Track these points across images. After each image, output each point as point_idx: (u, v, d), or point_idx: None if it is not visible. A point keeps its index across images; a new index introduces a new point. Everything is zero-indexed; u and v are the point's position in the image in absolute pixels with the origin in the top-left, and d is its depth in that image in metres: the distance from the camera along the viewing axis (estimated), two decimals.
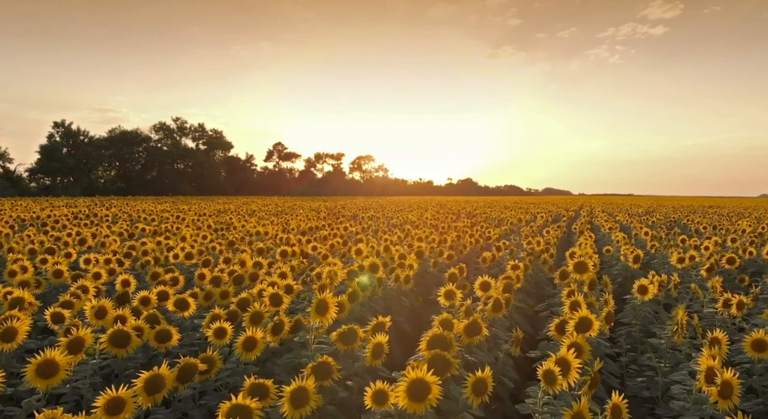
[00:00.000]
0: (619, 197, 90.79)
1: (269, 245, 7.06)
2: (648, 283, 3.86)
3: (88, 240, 7.37)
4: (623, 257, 6.54)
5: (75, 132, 64.82)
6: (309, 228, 10.55)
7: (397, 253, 5.81)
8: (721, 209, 29.05)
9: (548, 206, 31.94)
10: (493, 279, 4.01)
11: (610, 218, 16.49)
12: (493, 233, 9.96)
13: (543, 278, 6.02)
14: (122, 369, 2.81)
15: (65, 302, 3.48)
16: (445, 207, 26.17)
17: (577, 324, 2.75)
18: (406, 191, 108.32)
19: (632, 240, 8.32)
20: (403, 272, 4.53)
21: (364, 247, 6.12)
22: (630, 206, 32.31)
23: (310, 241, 7.83)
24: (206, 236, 7.66)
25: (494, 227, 12.07)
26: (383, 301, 4.36)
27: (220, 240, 7.80)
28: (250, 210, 20.49)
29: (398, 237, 8.71)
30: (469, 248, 7.56)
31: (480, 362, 2.86)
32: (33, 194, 51.17)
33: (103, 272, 4.65)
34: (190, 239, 7.63)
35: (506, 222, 13.42)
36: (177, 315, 3.42)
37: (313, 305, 2.73)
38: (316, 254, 6.32)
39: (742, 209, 31.42)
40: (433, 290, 5.47)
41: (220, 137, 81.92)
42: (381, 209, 22.25)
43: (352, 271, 4.27)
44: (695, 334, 3.12)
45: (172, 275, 4.56)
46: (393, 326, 4.52)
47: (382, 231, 10.21)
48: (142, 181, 71.02)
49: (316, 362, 2.27)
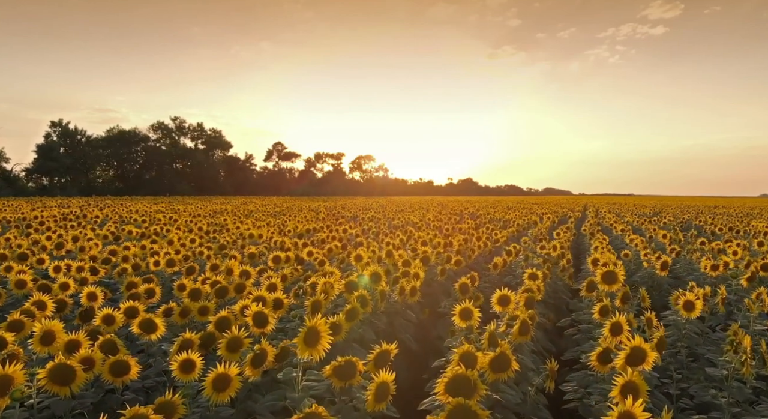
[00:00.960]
0: (620, 197, 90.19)
1: (262, 250, 6.53)
2: (694, 297, 3.33)
3: (68, 244, 6.84)
4: (646, 263, 6.01)
5: (72, 132, 64.24)
6: (306, 230, 10.02)
7: (400, 259, 5.28)
8: (727, 210, 28.50)
9: (552, 206, 31.41)
10: (511, 291, 3.48)
11: (619, 219, 15.96)
12: (501, 236, 9.43)
13: (560, 286, 5.49)
14: (67, 410, 2.28)
15: (13, 323, 2.95)
16: (446, 208, 25.64)
17: (629, 356, 2.22)
18: (407, 191, 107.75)
19: (652, 244, 7.79)
20: (408, 283, 4.00)
21: (365, 252, 5.59)
22: (634, 207, 31.77)
23: (307, 244, 7.30)
24: (194, 239, 7.13)
25: (500, 229, 11.54)
26: (386, 316, 3.84)
27: (210, 244, 7.27)
28: (247, 211, 19.95)
29: (401, 240, 8.18)
30: (477, 253, 7.03)
31: (506, 401, 2.33)
32: (30, 194, 50.63)
33: (71, 282, 4.12)
34: (177, 243, 7.11)
35: (512, 223, 12.88)
36: (144, 338, 2.89)
37: (301, 335, 2.20)
38: (312, 260, 5.79)
39: (748, 209, 30.88)
40: (442, 301, 4.94)
41: (219, 136, 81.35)
42: (381, 210, 21.72)
43: (350, 282, 3.74)
44: (764, 362, 2.59)
45: (147, 286, 4.03)
46: (398, 344, 4.00)
47: (383, 233, 9.68)
48: (140, 181, 70.46)
49: (303, 413, 1.74)
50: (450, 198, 58.85)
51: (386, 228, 11.62)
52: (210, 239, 8.16)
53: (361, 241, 7.94)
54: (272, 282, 3.78)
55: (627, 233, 10.10)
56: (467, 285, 4.24)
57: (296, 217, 15.99)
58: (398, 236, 8.73)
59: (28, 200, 30.13)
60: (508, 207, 27.52)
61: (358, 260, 5.20)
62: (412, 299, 3.96)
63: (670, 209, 28.50)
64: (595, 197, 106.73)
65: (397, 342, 3.92)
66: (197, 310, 3.45)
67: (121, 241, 8.36)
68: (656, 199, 78.08)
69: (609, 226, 13.78)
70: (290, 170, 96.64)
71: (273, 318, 2.89)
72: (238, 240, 7.77)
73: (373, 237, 9.27)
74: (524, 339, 2.75)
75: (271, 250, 6.68)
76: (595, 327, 3.64)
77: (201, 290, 3.72)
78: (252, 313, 2.88)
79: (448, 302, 4.47)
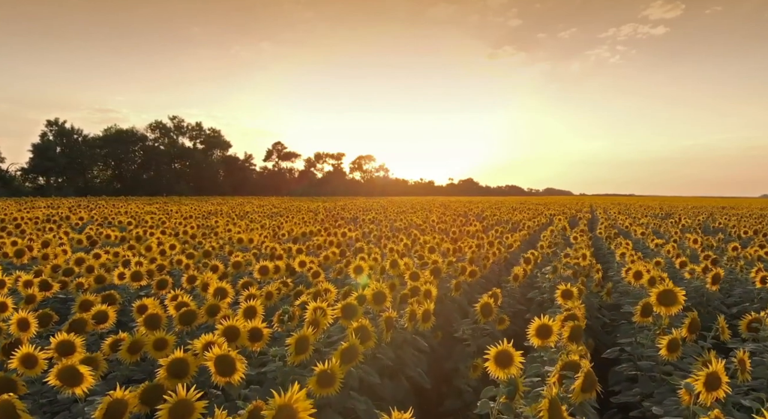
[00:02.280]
0: (621, 197, 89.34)
1: (250, 258, 5.78)
2: None
3: (34, 250, 6.09)
4: (688, 274, 5.25)
5: (69, 131, 63.31)
6: (302, 234, 9.26)
7: (407, 270, 4.52)
8: (737, 210, 27.72)
9: (557, 206, 30.63)
10: (548, 318, 2.73)
11: (633, 220, 15.21)
12: (514, 241, 8.67)
13: (594, 303, 4.73)
14: None
15: None
16: (450, 208, 24.86)
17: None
18: (407, 191, 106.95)
19: (687, 250, 7.02)
20: (420, 305, 3.24)
21: (366, 261, 4.83)
22: (641, 207, 30.98)
23: (301, 250, 6.54)
24: (174, 245, 6.38)
25: (510, 232, 10.78)
26: (393, 349, 3.08)
27: (194, 250, 6.53)
28: (243, 212, 19.20)
29: (405, 245, 7.44)
30: (491, 261, 6.27)
31: None
32: (26, 194, 49.81)
33: (9, 301, 3.37)
34: (156, 250, 6.36)
35: (522, 226, 12.11)
36: (66, 392, 2.14)
37: (271, 413, 1.43)
38: (304, 271, 5.04)
39: (758, 209, 30.10)
40: (456, 322, 4.19)
41: (218, 136, 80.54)
42: (383, 211, 20.96)
43: (348, 307, 2.98)
44: None
45: (98, 308, 3.27)
46: (407, 382, 3.24)
47: (385, 237, 8.93)
48: (138, 181, 69.65)
49: None
50: (452, 198, 58.08)
51: (388, 231, 10.87)
52: (195, 244, 7.40)
53: (361, 246, 7.19)
54: (250, 306, 3.02)
55: (648, 237, 9.33)
56: (490, 306, 3.48)
57: (293, 218, 15.22)
58: (402, 240, 7.98)
59: (19, 201, 29.37)
60: (513, 208, 26.74)
61: (357, 272, 4.45)
62: (425, 325, 3.21)
63: (679, 209, 27.71)
64: (596, 197, 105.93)
65: (406, 379, 3.15)
66: (152, 344, 2.70)
67: (100, 245, 7.62)
68: (659, 199, 77.25)
69: (625, 228, 13.01)
70: (290, 170, 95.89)
71: (242, 364, 2.14)
72: (225, 246, 7.01)
73: (374, 242, 8.52)
74: (588, 397, 1.99)
75: (261, 258, 5.94)
76: (658, 364, 2.88)
77: (160, 317, 2.96)
78: (213, 357, 2.12)
79: (466, 327, 3.71)
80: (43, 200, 29.30)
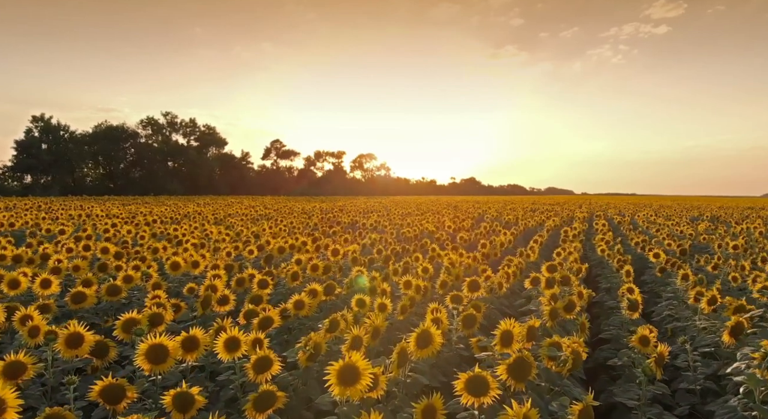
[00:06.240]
0: (624, 197, 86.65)
1: (139, 329, 3.29)
2: None
3: None
4: None
5: (55, 127, 60.15)
6: (279, 249, 6.74)
7: None
8: (758, 212, 25.21)
9: (568, 207, 28.10)
10: None
11: (651, 223, 12.77)
12: (571, 256, 6.15)
13: None
14: None
15: None
16: (460, 210, 22.31)
17: None
18: (409, 190, 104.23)
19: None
20: None
21: (366, 337, 2.34)
22: (662, 208, 28.43)
23: (265, 282, 4.07)
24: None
25: (565, 240, 8.27)
26: None
27: (102, 279, 4.09)
28: (224, 215, 16.67)
29: (424, 270, 4.96)
30: (586, 327, 3.72)
31: None
32: (13, 193, 47.06)
33: None
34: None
35: (567, 234, 9.53)
36: None
37: None
38: (239, 366, 2.53)
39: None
40: None
41: (213, 133, 77.68)
42: (386, 213, 18.42)
43: None
44: None
45: None
46: None
47: (394, 254, 6.42)
48: (129, 180, 66.87)
49: None
50: (457, 198, 55.48)
51: (394, 241, 8.38)
52: (104, 277, 4.86)
53: (358, 273, 4.71)
54: None
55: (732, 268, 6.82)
56: None
57: (281, 223, 12.72)
58: (420, 263, 5.48)
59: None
60: (528, 209, 24.21)
61: (350, 380, 1.95)
62: None
63: (687, 210, 25.24)
64: (597, 196, 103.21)
65: None
66: None
67: None
68: (668, 199, 74.64)
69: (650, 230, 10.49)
70: (289, 168, 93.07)
71: None
72: (151, 276, 4.49)
73: (380, 263, 6.02)
74: None
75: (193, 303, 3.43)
76: None
77: None
78: None
79: None
80: (16, 200, 26.68)
